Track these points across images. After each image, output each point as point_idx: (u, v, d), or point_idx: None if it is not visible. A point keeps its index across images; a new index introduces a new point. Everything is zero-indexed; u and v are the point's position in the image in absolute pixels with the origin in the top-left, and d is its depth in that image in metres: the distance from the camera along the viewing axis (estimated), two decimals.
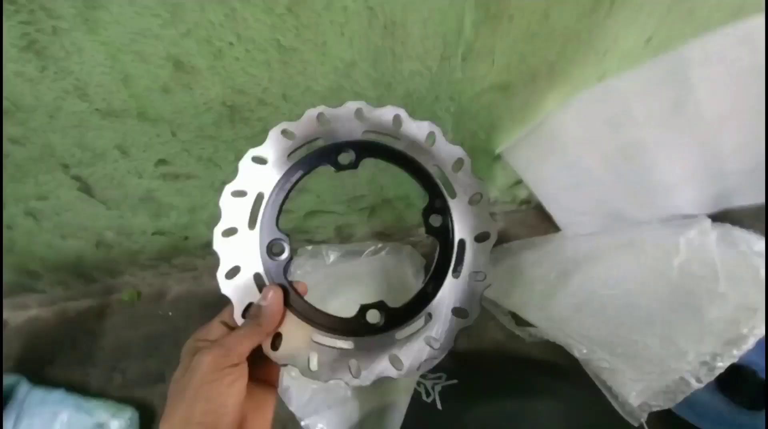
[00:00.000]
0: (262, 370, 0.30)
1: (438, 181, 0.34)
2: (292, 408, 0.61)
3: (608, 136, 0.62)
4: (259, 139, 0.54)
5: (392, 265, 0.78)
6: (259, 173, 0.32)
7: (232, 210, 0.31)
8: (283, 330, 0.30)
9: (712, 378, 0.44)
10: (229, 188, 0.32)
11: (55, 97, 0.42)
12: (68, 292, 0.74)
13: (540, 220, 0.90)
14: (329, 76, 0.48)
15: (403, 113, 0.34)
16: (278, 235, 0.31)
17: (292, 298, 0.31)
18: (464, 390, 0.53)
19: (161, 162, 0.54)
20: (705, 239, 0.62)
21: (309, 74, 0.47)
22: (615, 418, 0.45)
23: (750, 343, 0.46)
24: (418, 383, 0.58)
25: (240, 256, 0.31)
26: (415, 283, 0.76)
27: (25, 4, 0.34)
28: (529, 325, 0.61)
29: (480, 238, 0.32)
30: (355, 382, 0.30)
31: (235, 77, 0.45)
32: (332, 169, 0.34)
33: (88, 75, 0.41)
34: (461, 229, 0.33)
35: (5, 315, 0.74)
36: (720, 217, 0.68)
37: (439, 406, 0.52)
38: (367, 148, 0.34)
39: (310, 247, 0.78)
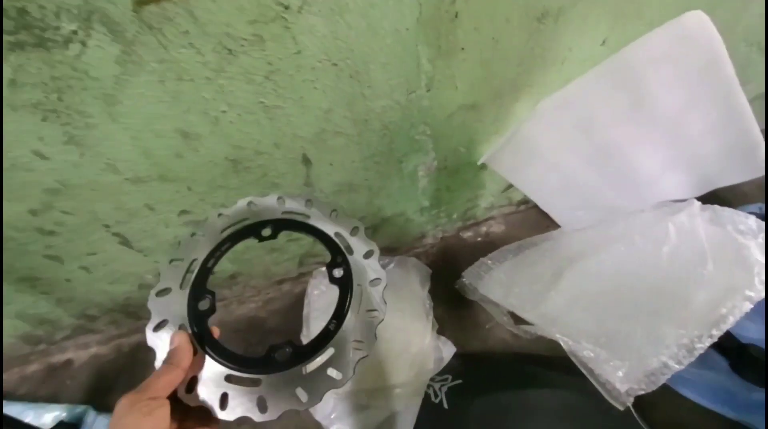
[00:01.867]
0: (196, 422, 0.32)
1: (339, 243, 0.41)
2: (318, 417, 0.68)
3: (581, 138, 0.65)
4: (261, 183, 0.62)
5: (400, 277, 0.84)
6: (197, 244, 0.40)
7: (169, 274, 0.38)
8: (201, 373, 0.33)
9: (692, 359, 0.46)
10: (167, 258, 0.39)
11: (93, 174, 0.52)
12: (120, 330, 0.86)
13: (540, 218, 0.93)
14: (311, 123, 0.56)
15: (313, 198, 0.44)
16: (205, 292, 0.37)
17: (209, 342, 0.34)
18: (468, 388, 0.57)
19: (183, 212, 0.63)
20: (694, 222, 0.64)
21: (294, 124, 0.55)
22: (606, 402, 0.48)
23: (729, 322, 0.48)
24: (428, 386, 0.63)
25: (169, 311, 0.36)
26: (422, 292, 0.81)
27: (64, 111, 0.44)
28: (526, 323, 0.65)
29: (373, 283, 0.38)
30: (262, 418, 0.32)
31: (232, 136, 0.54)
32: (256, 241, 0.42)
33: (117, 154, 0.51)
34: (357, 277, 0.38)
35: (71, 355, 0.86)
36: (711, 198, 0.69)
37: (446, 405, 0.57)
38: (283, 224, 0.42)
39: (323, 269, 0.86)
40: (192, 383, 0.32)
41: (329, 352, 0.35)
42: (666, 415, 0.57)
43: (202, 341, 0.34)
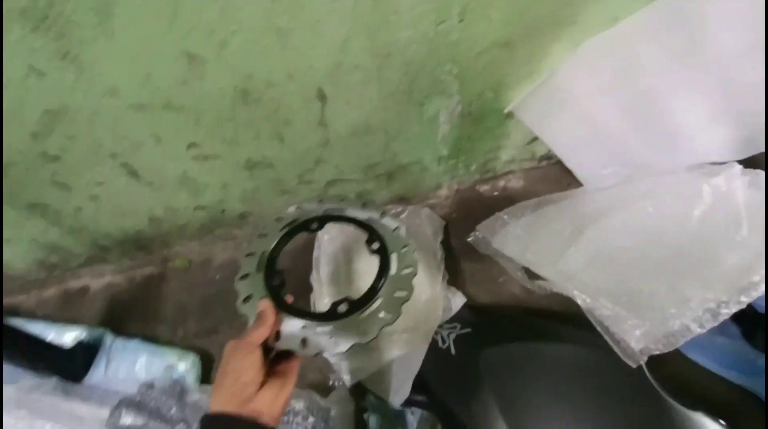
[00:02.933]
0: (281, 365, 0.43)
1: (371, 224, 0.53)
2: (328, 356, 0.70)
3: (621, 85, 0.59)
4: (272, 119, 0.59)
5: (412, 227, 0.82)
6: (263, 241, 0.54)
7: (246, 263, 0.51)
8: (282, 327, 0.45)
9: (716, 324, 0.44)
10: (243, 252, 0.52)
11: (93, 97, 0.49)
12: (134, 262, 0.87)
13: (561, 175, 0.89)
14: (328, 53, 0.51)
15: (345, 198, 0.61)
16: (275, 272, 0.50)
17: (285, 306, 0.46)
18: (476, 337, 0.57)
19: (191, 145, 0.60)
20: (732, 185, 0.59)
21: (309, 54, 0.50)
22: (619, 359, 0.47)
23: (760, 290, 0.45)
24: (436, 333, 0.64)
25: (251, 289, 0.48)
26: (434, 243, 0.80)
27: (55, 20, 0.40)
28: (541, 279, 0.64)
29: (404, 248, 0.50)
30: (334, 351, 0.43)
31: (241, 63, 0.49)
32: (306, 233, 0.55)
33: (116, 76, 0.47)
34: (391, 246, 0.50)
35: (87, 282, 0.88)
36: (748, 163, 0.64)
37: (453, 352, 0.57)
38: (326, 219, 0.56)
39: None
40: (277, 335, 0.44)
41: (378, 301, 0.47)
42: (672, 375, 0.57)
43: (281, 306, 0.46)
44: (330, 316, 0.46)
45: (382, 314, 0.46)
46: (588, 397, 0.47)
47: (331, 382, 0.69)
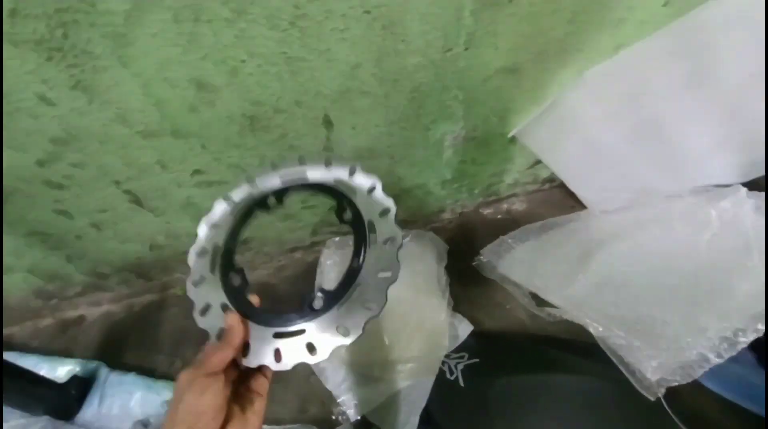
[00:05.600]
0: (250, 381, 0.36)
1: (338, 188, 0.42)
2: (329, 387, 0.67)
3: (628, 110, 0.60)
4: (278, 144, 0.58)
5: (416, 252, 0.81)
6: (215, 233, 0.43)
7: (198, 265, 0.41)
8: (251, 338, 0.36)
9: (734, 353, 0.43)
10: (192, 250, 0.42)
11: (102, 124, 0.48)
12: (132, 290, 0.85)
13: (564, 198, 0.89)
14: (336, 79, 0.51)
15: (304, 155, 0.45)
16: (233, 270, 0.40)
17: (251, 311, 0.38)
18: (485, 367, 0.55)
19: (196, 172, 0.60)
20: (739, 210, 0.59)
21: (318, 80, 0.51)
22: (634, 392, 0.46)
23: None
24: (443, 363, 0.62)
25: (208, 296, 0.39)
26: (438, 268, 0.79)
27: (70, 50, 0.40)
28: (549, 305, 0.62)
29: (382, 213, 0.39)
30: (314, 360, 0.35)
31: (250, 91, 0.49)
32: (266, 213, 0.44)
33: (127, 103, 0.47)
34: (366, 213, 0.39)
35: (83, 311, 0.86)
36: (751, 185, 0.64)
37: (461, 383, 0.55)
38: (283, 191, 0.44)
39: (337, 239, 0.83)
40: (246, 349, 0.36)
41: (359, 287, 0.37)
42: (688, 405, 0.55)
43: (245, 313, 0.37)
44: (303, 315, 0.37)
45: (365, 303, 0.37)
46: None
47: (334, 417, 0.66)
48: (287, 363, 0.35)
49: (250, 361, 0.36)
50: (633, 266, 0.59)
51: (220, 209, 0.45)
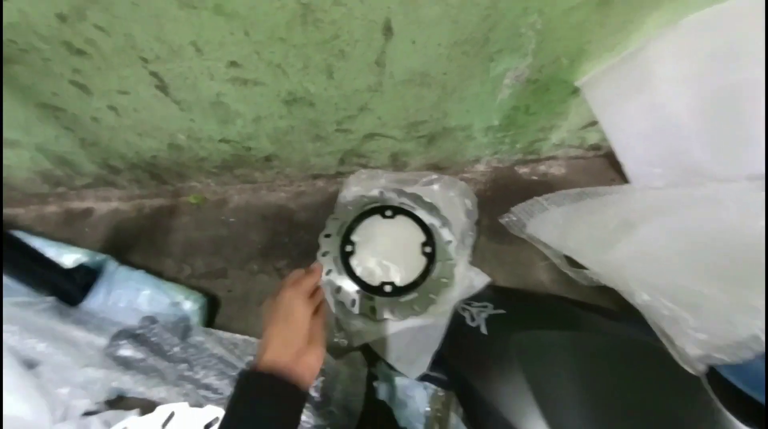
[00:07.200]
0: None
1: (432, 230, 0.70)
2: (335, 312, 0.66)
3: (712, 73, 0.54)
4: (326, 48, 0.52)
5: (444, 199, 0.77)
6: (347, 212, 0.73)
7: (330, 225, 0.71)
8: (342, 284, 0.66)
9: None
10: (331, 216, 0.74)
11: None
12: (143, 191, 0.81)
13: (605, 169, 0.85)
14: None
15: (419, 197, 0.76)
16: (349, 242, 0.69)
17: (349, 270, 0.67)
18: (512, 319, 0.54)
19: (232, 64, 0.54)
20: None
21: None
22: (668, 363, 0.44)
23: None
24: (463, 309, 0.60)
25: (330, 247, 0.69)
26: (464, 219, 0.76)
27: None
28: (581, 268, 0.60)
29: (449, 260, 0.69)
30: (375, 317, 0.64)
31: None
32: (380, 216, 0.72)
33: None
34: (440, 255, 0.69)
35: (91, 204, 0.83)
36: None
37: (483, 330, 0.53)
38: (400, 210, 0.71)
39: (363, 170, 0.79)
40: (339, 289, 0.66)
41: (413, 294, 0.65)
42: (725, 384, 0.53)
43: (347, 269, 0.66)
44: (377, 291, 0.65)
45: (414, 306, 0.63)
46: (633, 396, 0.44)
47: (336, 340, 0.66)
48: (356, 309, 0.65)
49: (341, 297, 0.65)
50: (679, 241, 0.56)
51: (357, 199, 0.74)
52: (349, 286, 0.66)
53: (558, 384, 0.46)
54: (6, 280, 0.60)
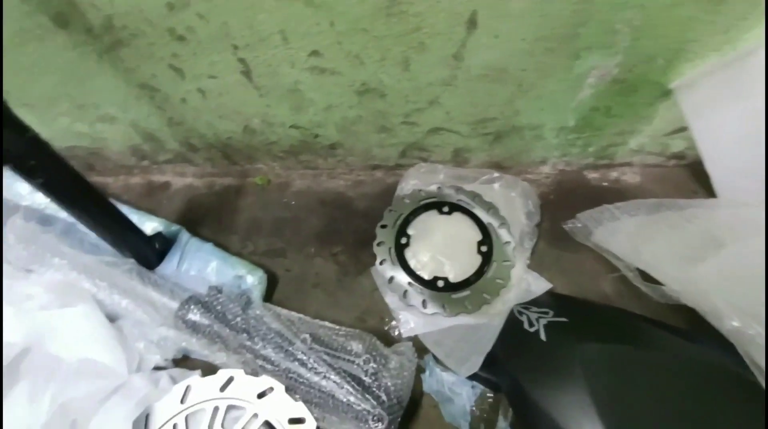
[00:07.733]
0: None
1: (489, 229, 0.69)
2: (387, 300, 0.67)
3: None
4: (406, 40, 0.52)
5: (504, 200, 0.75)
6: (404, 205, 0.72)
7: (388, 217, 0.71)
8: (395, 275, 0.67)
9: None
10: (387, 208, 0.73)
11: None
12: (216, 169, 0.87)
13: (687, 181, 0.78)
14: None
15: (478, 196, 0.74)
16: (404, 234, 0.69)
17: (402, 261, 0.67)
18: (574, 329, 0.51)
19: (314, 53, 0.56)
20: None
21: None
22: (758, 396, 0.40)
23: None
24: (520, 312, 0.59)
25: (385, 237, 0.70)
26: (524, 221, 0.73)
27: None
28: (655, 282, 0.56)
29: (506, 260, 0.67)
30: (423, 310, 0.63)
31: None
32: (437, 212, 0.71)
33: None
34: (496, 255, 0.67)
35: (169, 178, 0.90)
36: None
37: (543, 337, 0.52)
38: (457, 207, 0.71)
39: (423, 164, 0.79)
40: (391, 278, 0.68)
41: (466, 292, 0.64)
42: None
43: (400, 260, 0.67)
44: (429, 285, 0.65)
45: (465, 303, 0.63)
46: (711, 426, 0.41)
47: (386, 328, 0.67)
48: (407, 301, 0.65)
49: (392, 288, 0.67)
50: None
51: (414, 193, 0.73)
52: (402, 278, 0.66)
53: (625, 402, 0.43)
54: (96, 239, 0.67)
